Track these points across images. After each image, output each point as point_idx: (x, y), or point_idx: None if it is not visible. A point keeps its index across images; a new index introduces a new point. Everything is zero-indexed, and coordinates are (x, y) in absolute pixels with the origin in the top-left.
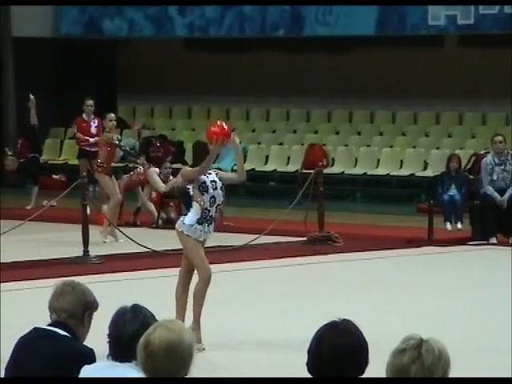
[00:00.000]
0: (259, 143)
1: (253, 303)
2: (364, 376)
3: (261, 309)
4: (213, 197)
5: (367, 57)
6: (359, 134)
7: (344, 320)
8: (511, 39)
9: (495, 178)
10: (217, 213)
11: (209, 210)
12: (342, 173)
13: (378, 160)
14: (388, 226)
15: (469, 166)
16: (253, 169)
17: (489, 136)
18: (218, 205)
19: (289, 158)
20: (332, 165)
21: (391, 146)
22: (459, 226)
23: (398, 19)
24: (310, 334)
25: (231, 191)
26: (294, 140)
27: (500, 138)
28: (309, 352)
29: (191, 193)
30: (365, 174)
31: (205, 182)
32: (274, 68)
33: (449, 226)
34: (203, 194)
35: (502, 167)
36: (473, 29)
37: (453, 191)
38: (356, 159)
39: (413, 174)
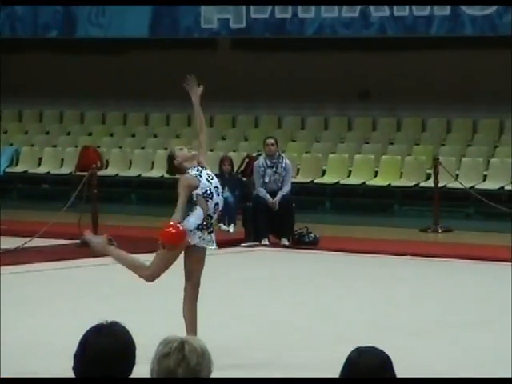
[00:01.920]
0: (32, 145)
1: (23, 306)
2: None
3: (33, 311)
4: (217, 203)
5: (141, 59)
6: (134, 136)
7: (111, 322)
8: (282, 43)
9: (267, 180)
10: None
11: (211, 217)
12: (117, 175)
13: (153, 162)
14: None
15: (242, 169)
16: (25, 171)
17: (261, 138)
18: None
19: (62, 160)
20: (106, 167)
21: (165, 149)
22: (232, 227)
23: (170, 22)
24: (77, 336)
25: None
26: (67, 142)
27: (272, 141)
28: (74, 356)
29: (194, 198)
30: (139, 176)
31: (210, 189)
32: (47, 69)
33: (224, 227)
34: (208, 201)
35: (274, 169)
36: (245, 32)
37: (226, 194)
38: (130, 161)
39: None
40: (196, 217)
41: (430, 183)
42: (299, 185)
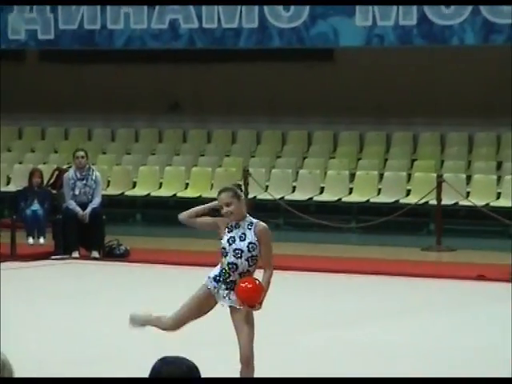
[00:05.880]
0: None
1: None
2: None
3: None
4: (234, 263)
5: None
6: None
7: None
8: (91, 55)
9: (77, 192)
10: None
11: (229, 274)
12: None
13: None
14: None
15: (52, 181)
16: None
17: (71, 151)
18: (243, 273)
19: None
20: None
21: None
22: (42, 240)
23: None
24: None
25: None
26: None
27: (82, 154)
28: None
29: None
30: None
31: (224, 248)
32: None
33: (31, 241)
34: (223, 257)
35: (84, 182)
36: (53, 44)
37: (36, 206)
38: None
39: None
40: (217, 268)
41: None
42: (110, 197)
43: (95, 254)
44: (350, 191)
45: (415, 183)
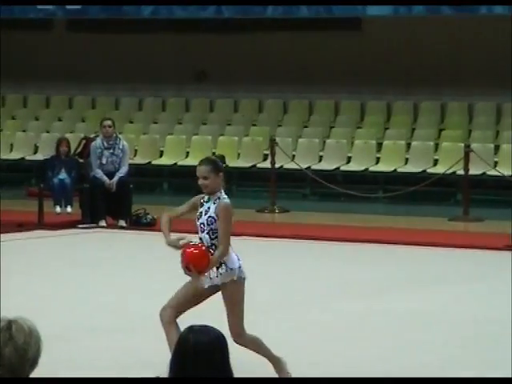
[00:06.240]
0: None
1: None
2: None
3: None
4: (200, 238)
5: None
6: (37, 119)
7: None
8: (118, 24)
9: (104, 161)
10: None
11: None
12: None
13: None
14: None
15: (79, 150)
16: None
17: (98, 120)
18: (209, 247)
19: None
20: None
21: (1, 130)
22: (69, 209)
23: None
24: None
25: None
26: None
27: (109, 123)
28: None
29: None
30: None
31: (196, 224)
32: None
33: (58, 210)
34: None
35: (111, 151)
36: (81, 13)
37: (63, 175)
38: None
39: (23, 158)
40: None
41: (267, 164)
42: (137, 166)
43: (122, 222)
44: (377, 161)
45: (443, 153)
